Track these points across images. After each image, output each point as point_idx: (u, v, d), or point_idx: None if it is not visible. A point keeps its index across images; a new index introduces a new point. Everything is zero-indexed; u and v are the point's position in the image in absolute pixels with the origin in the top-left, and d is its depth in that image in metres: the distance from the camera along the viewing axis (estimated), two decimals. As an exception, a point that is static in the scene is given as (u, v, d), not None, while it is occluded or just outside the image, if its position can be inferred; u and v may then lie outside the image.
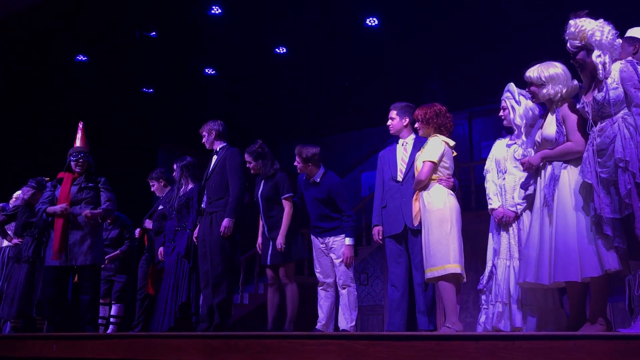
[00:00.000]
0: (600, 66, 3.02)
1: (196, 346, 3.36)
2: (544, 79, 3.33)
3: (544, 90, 3.34)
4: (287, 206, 4.80)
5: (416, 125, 4.22)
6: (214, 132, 5.08)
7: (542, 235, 3.25)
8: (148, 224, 5.93)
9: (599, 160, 3.00)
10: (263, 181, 4.96)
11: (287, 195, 4.81)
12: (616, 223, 2.92)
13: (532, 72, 3.39)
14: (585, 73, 3.16)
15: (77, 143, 5.35)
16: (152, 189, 6.19)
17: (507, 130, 3.95)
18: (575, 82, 3.35)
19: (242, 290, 9.40)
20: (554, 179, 3.24)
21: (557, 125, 3.30)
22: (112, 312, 6.26)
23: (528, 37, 8.13)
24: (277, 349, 3.03)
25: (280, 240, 4.69)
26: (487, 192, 3.91)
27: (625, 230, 2.92)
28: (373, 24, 8.60)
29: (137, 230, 6.18)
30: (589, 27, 3.06)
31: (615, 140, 2.94)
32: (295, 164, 4.86)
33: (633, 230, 2.85)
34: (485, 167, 3.99)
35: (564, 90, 3.32)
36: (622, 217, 2.89)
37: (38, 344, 4.14)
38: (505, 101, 3.85)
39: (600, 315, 3.09)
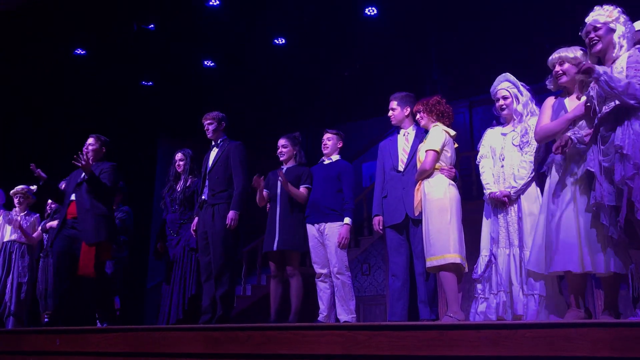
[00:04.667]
0: (618, 46, 3.09)
1: (198, 338, 3.36)
2: (580, 58, 3.36)
3: None
4: (304, 192, 4.93)
5: (417, 117, 4.26)
6: (223, 124, 5.10)
7: (579, 223, 3.19)
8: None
9: (602, 147, 2.99)
10: (286, 169, 5.02)
11: (307, 185, 4.95)
12: (614, 212, 2.92)
13: (567, 52, 3.42)
14: (597, 52, 3.17)
15: None
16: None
17: (497, 120, 4.01)
18: None
19: (245, 282, 9.41)
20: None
21: None
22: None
23: (528, 26, 8.09)
24: (279, 341, 3.03)
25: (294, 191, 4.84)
26: (483, 178, 3.91)
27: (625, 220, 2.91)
28: (372, 13, 8.55)
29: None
30: (617, 11, 3.14)
31: (616, 127, 2.93)
32: (326, 141, 5.01)
33: (633, 217, 2.83)
34: (481, 154, 3.99)
35: None
36: (620, 204, 2.89)
37: (41, 338, 4.14)
38: (508, 90, 3.89)
39: (612, 308, 3.10)
